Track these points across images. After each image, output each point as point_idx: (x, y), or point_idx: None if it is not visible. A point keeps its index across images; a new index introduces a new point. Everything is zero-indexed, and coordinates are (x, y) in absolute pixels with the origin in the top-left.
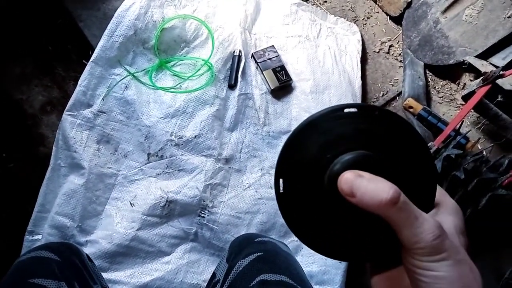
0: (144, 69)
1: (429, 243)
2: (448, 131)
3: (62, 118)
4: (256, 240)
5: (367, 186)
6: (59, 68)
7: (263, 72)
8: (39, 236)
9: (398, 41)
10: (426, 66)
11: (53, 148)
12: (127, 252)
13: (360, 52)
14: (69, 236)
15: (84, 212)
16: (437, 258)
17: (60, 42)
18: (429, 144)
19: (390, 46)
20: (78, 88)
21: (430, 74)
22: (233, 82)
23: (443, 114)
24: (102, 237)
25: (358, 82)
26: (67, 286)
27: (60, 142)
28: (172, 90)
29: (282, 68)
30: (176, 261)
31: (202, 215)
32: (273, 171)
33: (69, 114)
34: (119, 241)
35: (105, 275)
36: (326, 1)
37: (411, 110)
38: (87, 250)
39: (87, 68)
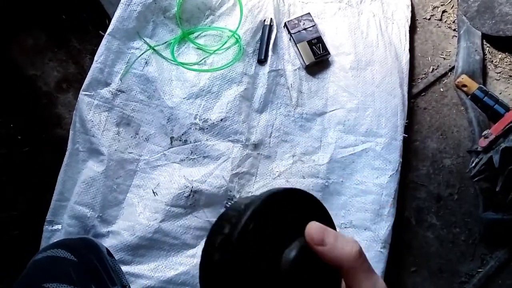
0: (165, 42)
1: None
2: (510, 117)
3: (78, 99)
4: None
5: (336, 237)
6: (74, 40)
7: (297, 44)
8: (59, 226)
9: (453, 6)
10: (484, 37)
11: (70, 131)
12: (150, 245)
13: (409, 20)
14: (90, 227)
15: (105, 201)
16: None
17: (74, 10)
18: (484, 133)
19: (443, 11)
20: (94, 65)
21: (488, 45)
22: (263, 57)
23: (500, 93)
24: (124, 228)
25: (406, 57)
26: None
27: (77, 125)
28: (196, 67)
29: (319, 40)
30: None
31: (229, 206)
32: (305, 158)
33: (85, 94)
34: (141, 233)
35: (127, 268)
36: None
37: (464, 89)
38: (109, 241)
39: (103, 42)
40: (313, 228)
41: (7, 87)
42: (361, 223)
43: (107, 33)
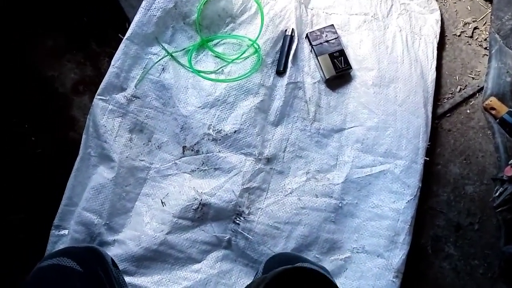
0: (184, 48)
1: None
2: None
3: (93, 103)
4: (296, 265)
5: None
6: (93, 43)
7: (318, 57)
8: (65, 232)
9: (485, 23)
10: None
11: (83, 135)
12: (155, 257)
13: (438, 36)
14: (96, 234)
15: (113, 209)
16: None
17: (95, 13)
18: (511, 161)
19: (475, 28)
20: (111, 70)
21: None
22: (282, 68)
23: None
24: (130, 238)
25: (432, 75)
26: None
27: (90, 129)
28: (213, 77)
29: (341, 53)
30: (206, 269)
31: (237, 222)
32: (320, 176)
33: (100, 99)
34: (147, 244)
35: (131, 279)
36: None
37: (493, 112)
38: (114, 250)
39: (121, 46)
40: None
41: (24, 87)
42: (374, 249)
43: (125, 37)
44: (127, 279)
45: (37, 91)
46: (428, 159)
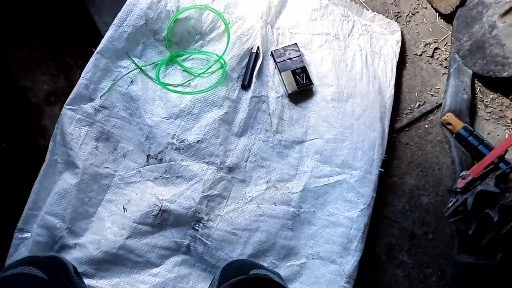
0: (153, 63)
1: None
2: (489, 159)
3: (61, 112)
4: (251, 272)
5: None
6: (67, 56)
7: (281, 73)
8: (28, 235)
9: (446, 43)
10: (475, 76)
11: (50, 143)
12: (114, 260)
13: (397, 56)
14: (58, 238)
15: (75, 213)
16: None
17: (70, 27)
18: (462, 173)
19: (436, 48)
20: (80, 81)
21: (479, 84)
22: (246, 83)
23: (489, 133)
24: (91, 242)
25: (390, 91)
26: None
27: (58, 137)
28: (179, 89)
29: (303, 70)
30: (164, 274)
31: (196, 228)
32: (280, 185)
33: (69, 108)
34: (106, 248)
35: (89, 281)
36: None
37: (449, 127)
38: (75, 253)
39: (92, 59)
40: None
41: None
42: (328, 255)
43: (96, 51)
44: (87, 281)
45: (10, 100)
46: (383, 170)
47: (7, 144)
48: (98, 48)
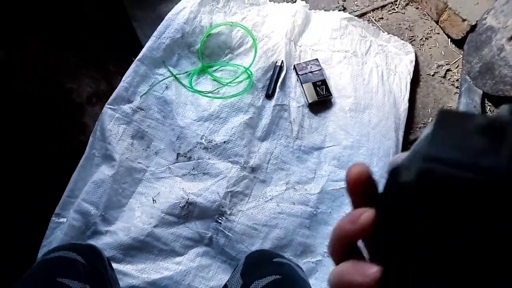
0: (186, 72)
1: None
2: None
3: (102, 110)
4: (274, 260)
5: None
6: (110, 63)
7: (303, 84)
8: (64, 220)
9: (458, 66)
10: (485, 96)
11: (90, 138)
12: (141, 247)
13: (411, 74)
14: (91, 224)
15: (109, 202)
16: None
17: (114, 38)
18: None
19: (448, 70)
20: (121, 84)
21: (489, 104)
22: (270, 92)
23: None
24: (121, 229)
25: (404, 105)
26: None
27: (97, 133)
28: (209, 95)
29: (323, 82)
30: (187, 262)
31: (219, 221)
32: (298, 187)
33: (109, 108)
34: (135, 234)
35: (117, 266)
36: (382, 18)
37: None
38: (105, 239)
39: (132, 66)
40: None
41: (45, 95)
42: None
43: (136, 59)
44: (114, 265)
45: (56, 100)
46: None
47: (53, 139)
48: (139, 56)
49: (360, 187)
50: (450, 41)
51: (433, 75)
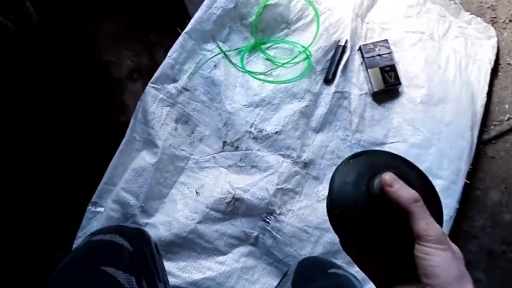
0: (237, 48)
1: (436, 235)
2: None
3: (145, 90)
4: (330, 271)
5: (403, 187)
6: (153, 34)
7: (368, 70)
8: (101, 209)
9: None
10: None
11: (131, 120)
12: (184, 244)
13: (492, 63)
14: (130, 215)
15: (149, 192)
16: (441, 248)
17: (157, 6)
18: None
19: None
20: (166, 60)
21: None
22: (330, 77)
23: None
24: (162, 223)
25: (482, 100)
26: (135, 281)
27: (139, 114)
28: (262, 77)
29: (392, 68)
30: (231, 263)
31: (267, 220)
32: None
33: (153, 87)
34: (177, 231)
35: None
36: None
37: None
38: None
39: (179, 39)
40: (387, 175)
41: (82, 68)
42: None
43: (184, 31)
44: None
45: (93, 74)
46: (468, 182)
47: (88, 118)
48: (187, 29)
49: None
50: None
51: None
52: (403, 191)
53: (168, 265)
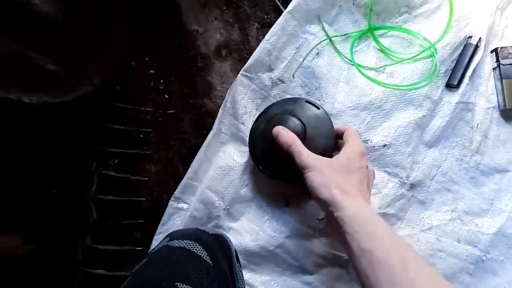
0: (345, 34)
1: (305, 164)
2: None
3: (237, 78)
4: None
5: (284, 134)
6: (246, 2)
7: (503, 80)
8: (185, 206)
9: None
10: None
11: (220, 110)
12: (269, 257)
13: None
14: (214, 217)
15: (236, 194)
16: (309, 171)
17: None
18: None
19: None
20: (263, 45)
21: None
22: (456, 83)
23: None
24: (247, 231)
25: None
26: None
27: (228, 104)
28: (372, 74)
29: None
30: (318, 285)
31: None
32: (467, 219)
33: (245, 75)
34: (264, 243)
35: None
36: None
37: None
38: (229, 237)
39: (281, 20)
40: (274, 130)
41: (167, 39)
42: None
43: (287, 10)
44: None
45: (178, 45)
46: None
47: (170, 97)
48: (290, 7)
49: None
50: None
51: None
52: (283, 140)
53: (250, 277)
